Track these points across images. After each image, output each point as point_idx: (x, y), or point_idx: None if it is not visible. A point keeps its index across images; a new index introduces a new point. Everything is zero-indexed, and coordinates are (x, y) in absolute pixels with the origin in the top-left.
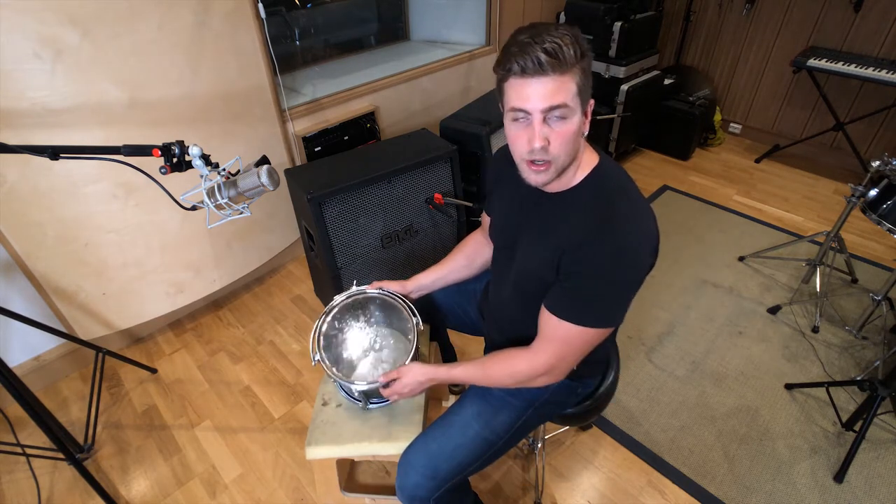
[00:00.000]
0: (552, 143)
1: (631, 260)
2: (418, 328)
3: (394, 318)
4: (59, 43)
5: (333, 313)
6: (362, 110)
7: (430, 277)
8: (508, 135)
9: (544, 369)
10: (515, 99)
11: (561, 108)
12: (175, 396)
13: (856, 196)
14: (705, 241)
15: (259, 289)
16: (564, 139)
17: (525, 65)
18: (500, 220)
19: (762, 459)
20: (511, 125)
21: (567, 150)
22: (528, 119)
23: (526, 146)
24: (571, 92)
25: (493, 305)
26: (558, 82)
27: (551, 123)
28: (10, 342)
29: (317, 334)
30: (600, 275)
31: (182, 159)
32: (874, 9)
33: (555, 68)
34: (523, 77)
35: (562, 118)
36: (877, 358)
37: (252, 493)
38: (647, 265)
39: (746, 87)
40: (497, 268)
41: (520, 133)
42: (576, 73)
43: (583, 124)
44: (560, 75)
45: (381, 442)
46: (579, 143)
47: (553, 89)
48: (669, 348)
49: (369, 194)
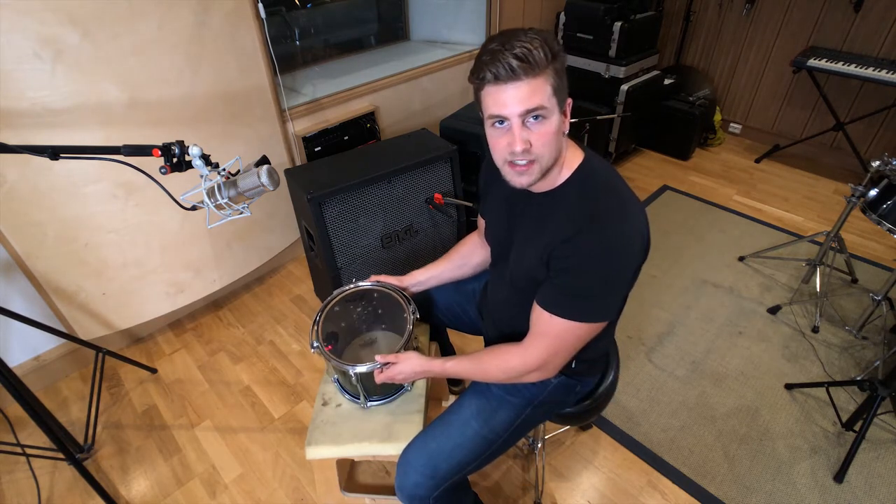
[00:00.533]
0: (534, 144)
1: (619, 255)
2: (414, 316)
3: (390, 309)
4: (59, 43)
5: (333, 304)
6: (362, 110)
7: (426, 275)
8: (489, 141)
9: (536, 365)
10: (493, 106)
11: (538, 109)
12: (175, 396)
13: (856, 196)
14: (705, 241)
15: (259, 289)
16: (545, 139)
17: (497, 72)
18: (493, 224)
19: (762, 459)
20: (491, 131)
21: (549, 149)
22: (508, 124)
23: (507, 149)
24: (546, 93)
25: (492, 305)
26: (532, 85)
27: (530, 126)
28: (10, 342)
29: (318, 319)
30: (589, 270)
31: (182, 159)
32: (874, 9)
33: (527, 72)
34: (497, 84)
35: (540, 119)
36: (877, 358)
37: (252, 493)
38: (637, 261)
39: (746, 87)
40: (494, 269)
41: (500, 138)
42: (549, 75)
43: (562, 123)
44: (533, 78)
45: (381, 442)
46: (561, 142)
47: (528, 92)
48: (669, 348)
49: (369, 194)
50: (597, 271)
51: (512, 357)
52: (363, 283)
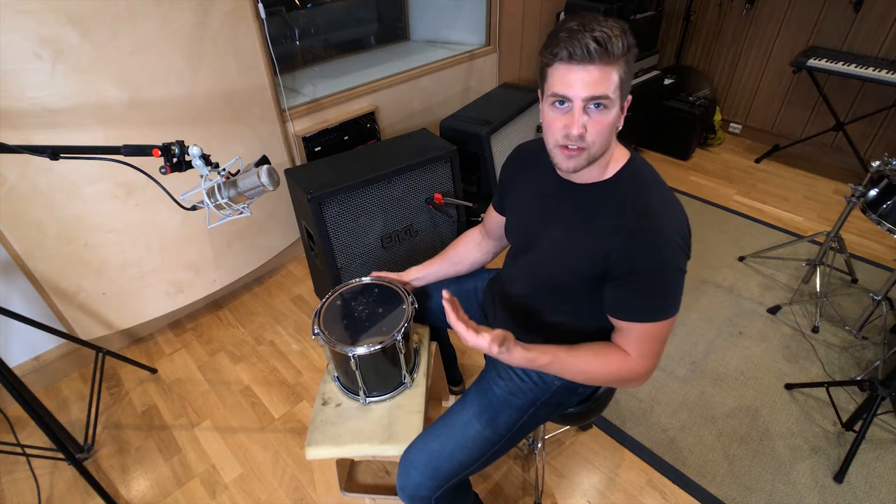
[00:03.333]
0: (589, 131)
1: (678, 247)
2: (413, 306)
3: (389, 301)
4: (59, 43)
5: (334, 297)
6: (362, 110)
7: (422, 272)
8: (545, 119)
9: (648, 373)
10: (559, 84)
11: (602, 98)
12: (175, 396)
13: (856, 196)
14: (705, 241)
15: (259, 289)
16: (601, 128)
17: (573, 51)
18: (519, 218)
19: (762, 459)
20: (549, 110)
21: (602, 140)
22: (569, 105)
23: (562, 131)
24: (614, 83)
25: (510, 301)
26: (603, 72)
27: (590, 113)
28: (10, 342)
29: (320, 311)
30: (658, 268)
31: (182, 159)
32: (874, 9)
33: (602, 58)
34: (570, 63)
35: (601, 108)
36: (877, 358)
37: (252, 493)
38: (688, 253)
39: (746, 87)
40: (514, 263)
41: (557, 118)
42: (620, 66)
43: (619, 118)
44: (605, 66)
45: (381, 443)
46: (613, 136)
47: (597, 78)
48: (669, 348)
49: (369, 194)
50: (665, 267)
51: (621, 362)
52: (364, 279)
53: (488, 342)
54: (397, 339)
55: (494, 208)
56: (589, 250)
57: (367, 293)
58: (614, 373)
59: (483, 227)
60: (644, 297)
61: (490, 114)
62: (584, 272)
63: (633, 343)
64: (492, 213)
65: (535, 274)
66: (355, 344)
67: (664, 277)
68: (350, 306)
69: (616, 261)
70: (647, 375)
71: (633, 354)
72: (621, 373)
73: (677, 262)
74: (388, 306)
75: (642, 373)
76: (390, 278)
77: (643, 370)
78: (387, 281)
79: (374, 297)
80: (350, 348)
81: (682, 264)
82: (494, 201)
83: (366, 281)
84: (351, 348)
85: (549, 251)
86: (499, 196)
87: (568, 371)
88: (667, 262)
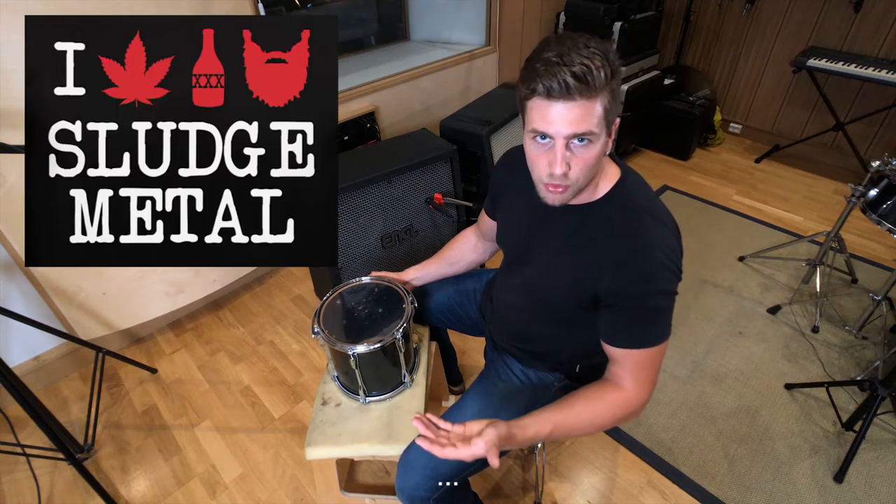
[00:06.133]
0: (572, 168)
1: (667, 270)
2: (413, 306)
3: (389, 300)
4: None
5: (334, 297)
6: (362, 110)
7: (421, 272)
8: (528, 153)
9: (646, 400)
10: (538, 121)
11: (586, 134)
12: (175, 396)
13: (856, 196)
14: (705, 241)
15: (259, 289)
16: (586, 164)
17: (551, 86)
18: (510, 229)
19: (762, 459)
20: (531, 144)
21: (587, 174)
22: (550, 142)
23: (546, 169)
24: (598, 116)
25: (501, 309)
26: (585, 108)
27: (574, 148)
28: (10, 342)
29: (320, 310)
30: (647, 295)
31: None
32: (874, 9)
33: (582, 93)
34: (548, 99)
35: (586, 143)
36: (877, 358)
37: (252, 493)
38: (679, 276)
39: (746, 87)
40: (506, 272)
41: (540, 155)
42: (604, 96)
43: (606, 145)
44: (587, 100)
45: (381, 443)
46: (600, 165)
47: (579, 115)
48: (669, 348)
49: (369, 194)
50: (656, 292)
51: (618, 400)
52: (364, 279)
53: (484, 450)
54: (397, 338)
55: (486, 213)
56: (580, 273)
57: (367, 293)
58: (617, 414)
59: (478, 228)
60: (634, 323)
61: (490, 114)
62: (576, 295)
63: (627, 372)
64: (484, 217)
65: (530, 291)
66: (355, 343)
67: (653, 304)
68: (350, 306)
69: (605, 286)
70: (644, 405)
71: (628, 385)
72: (624, 410)
73: (667, 285)
74: (388, 306)
75: (640, 404)
76: (390, 278)
77: (641, 401)
78: (386, 280)
79: (374, 296)
80: (350, 347)
81: (673, 286)
82: (486, 206)
83: (365, 280)
84: (351, 347)
85: (541, 272)
86: (490, 202)
87: (574, 428)
88: (656, 289)
